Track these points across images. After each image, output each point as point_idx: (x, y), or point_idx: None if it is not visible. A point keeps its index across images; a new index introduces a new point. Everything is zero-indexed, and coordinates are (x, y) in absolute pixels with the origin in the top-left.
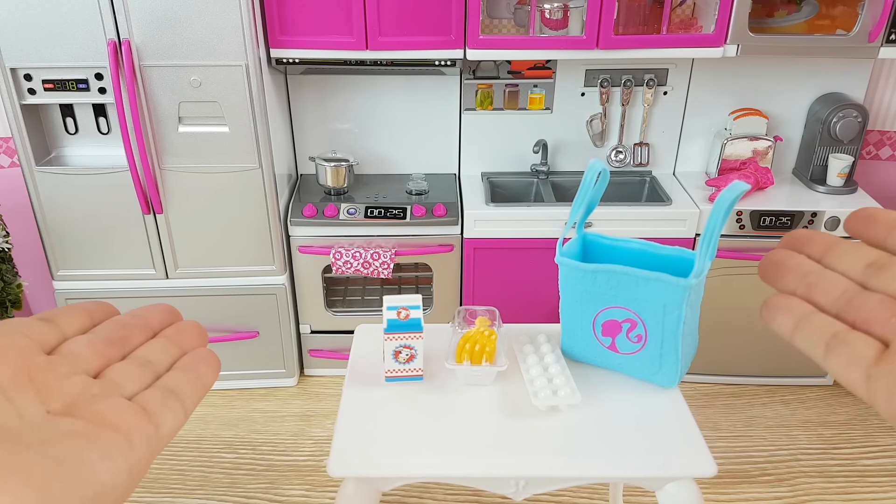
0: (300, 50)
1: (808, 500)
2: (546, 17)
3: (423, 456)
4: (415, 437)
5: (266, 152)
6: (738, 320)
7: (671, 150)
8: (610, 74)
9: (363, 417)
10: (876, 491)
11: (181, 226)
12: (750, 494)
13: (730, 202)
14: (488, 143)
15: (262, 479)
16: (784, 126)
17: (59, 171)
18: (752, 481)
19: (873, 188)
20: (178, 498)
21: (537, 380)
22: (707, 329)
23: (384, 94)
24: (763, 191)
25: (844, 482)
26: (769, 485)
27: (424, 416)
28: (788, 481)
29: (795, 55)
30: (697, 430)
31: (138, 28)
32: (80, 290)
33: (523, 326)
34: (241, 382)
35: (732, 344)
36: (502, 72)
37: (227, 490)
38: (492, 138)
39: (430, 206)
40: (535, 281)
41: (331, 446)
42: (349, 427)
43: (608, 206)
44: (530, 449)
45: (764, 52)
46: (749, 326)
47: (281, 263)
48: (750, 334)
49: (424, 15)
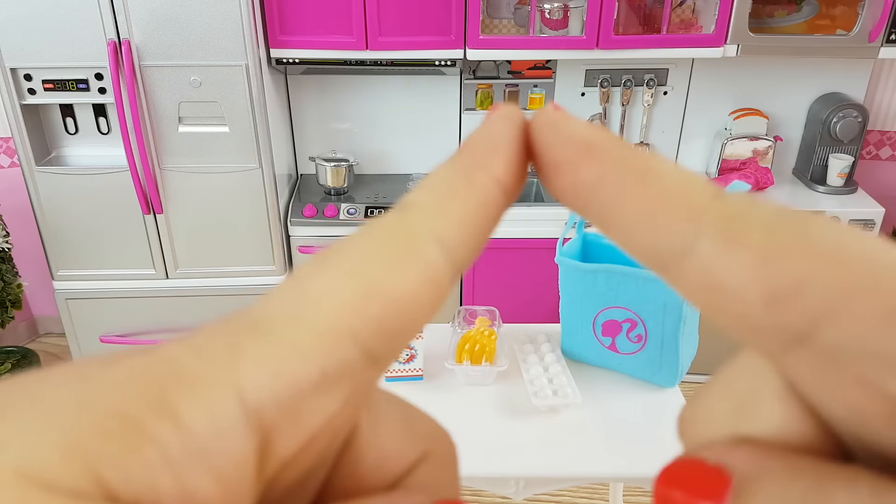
0: (300, 50)
1: None
2: (546, 17)
3: None
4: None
5: (266, 152)
6: None
7: (671, 151)
8: (610, 74)
9: None
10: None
11: (181, 226)
12: None
13: None
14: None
15: None
16: (784, 126)
17: (59, 171)
18: None
19: (873, 188)
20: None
21: (537, 380)
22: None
23: (384, 94)
24: (763, 191)
25: None
26: None
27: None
28: None
29: (795, 55)
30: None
31: (138, 28)
32: (79, 291)
33: (523, 326)
34: None
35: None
36: (502, 72)
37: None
38: None
39: None
40: (535, 281)
41: None
42: None
43: None
44: (530, 449)
45: (764, 52)
46: None
47: (281, 264)
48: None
49: (424, 15)
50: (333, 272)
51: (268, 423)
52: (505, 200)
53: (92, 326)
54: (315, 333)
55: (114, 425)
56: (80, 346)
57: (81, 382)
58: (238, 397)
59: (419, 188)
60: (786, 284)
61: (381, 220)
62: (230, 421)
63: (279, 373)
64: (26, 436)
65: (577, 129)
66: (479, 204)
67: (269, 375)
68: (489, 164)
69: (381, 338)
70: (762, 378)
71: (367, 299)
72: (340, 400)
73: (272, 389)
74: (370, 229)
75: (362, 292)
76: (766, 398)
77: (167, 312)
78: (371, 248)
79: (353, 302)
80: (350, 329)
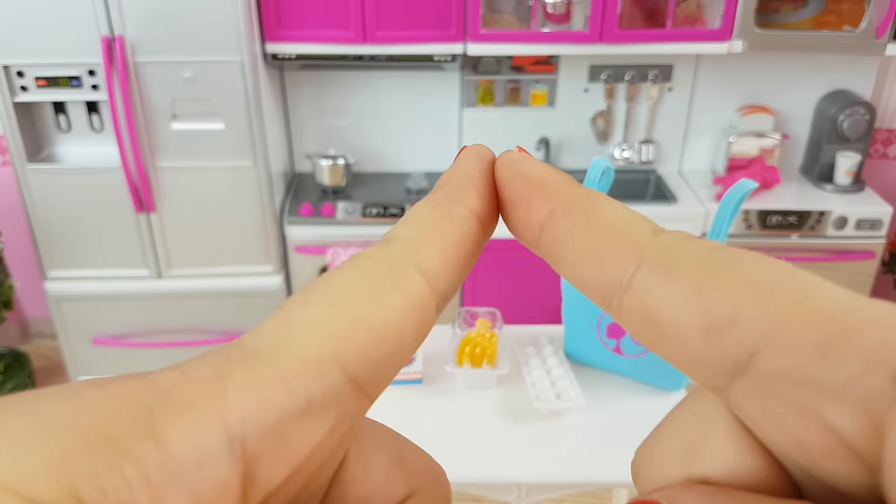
0: (297, 44)
1: None
2: (548, 12)
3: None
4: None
5: (262, 149)
6: None
7: (676, 148)
8: (614, 70)
9: None
10: None
11: (174, 225)
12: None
13: (737, 201)
14: (489, 140)
15: None
16: (791, 123)
17: (51, 169)
18: None
19: (881, 187)
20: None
21: (539, 383)
22: None
23: (383, 90)
24: (770, 189)
25: None
26: None
27: (423, 421)
28: None
29: (802, 51)
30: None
31: (132, 23)
32: (71, 292)
33: (525, 328)
34: None
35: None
36: (504, 67)
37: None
38: (493, 135)
39: None
40: (538, 281)
41: None
42: None
43: None
44: (532, 454)
45: (770, 47)
46: None
47: (277, 264)
48: None
49: (424, 8)
50: (319, 302)
51: (252, 450)
52: (483, 231)
53: (84, 328)
54: (301, 361)
55: (99, 444)
56: (72, 349)
57: (73, 401)
58: (223, 424)
59: (399, 224)
60: (721, 315)
61: (365, 254)
62: (213, 447)
63: (265, 401)
64: (13, 449)
65: (534, 168)
66: (458, 234)
67: (254, 403)
68: (464, 197)
69: (367, 365)
70: (713, 416)
71: (353, 327)
72: (327, 428)
73: (257, 417)
74: (354, 262)
75: (347, 321)
76: (717, 436)
77: (160, 313)
78: (355, 278)
79: (338, 330)
80: (336, 357)
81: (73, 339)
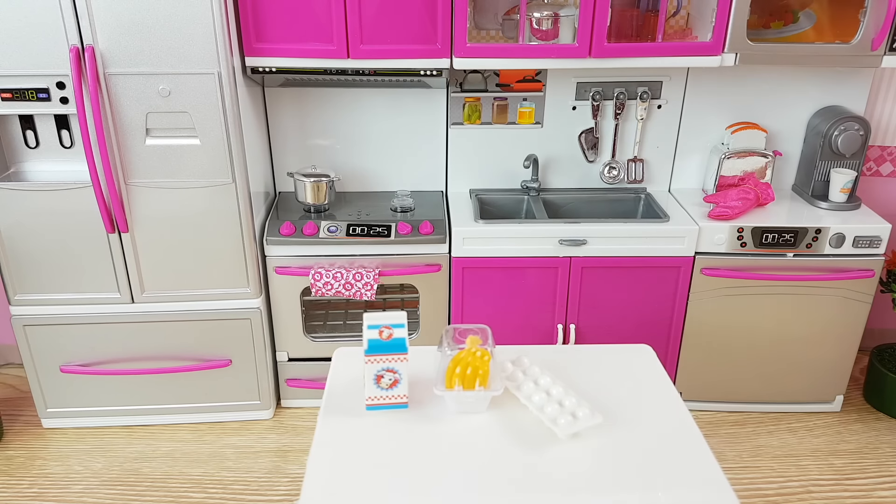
0: (277, 58)
1: None
2: (535, 27)
3: (408, 494)
4: (398, 473)
5: (240, 166)
6: (741, 342)
7: (666, 167)
8: (602, 87)
9: (340, 452)
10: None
11: (148, 246)
12: None
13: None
14: (476, 158)
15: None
16: (783, 140)
17: (18, 188)
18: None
19: (875, 206)
20: None
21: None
22: (708, 352)
23: (367, 108)
24: (763, 207)
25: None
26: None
27: (409, 449)
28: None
29: (796, 64)
30: (715, 461)
31: (103, 33)
32: (38, 317)
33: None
34: (212, 416)
35: (735, 368)
36: (490, 84)
37: None
38: (480, 154)
39: (416, 223)
40: (527, 301)
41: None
42: (323, 464)
43: (604, 223)
44: (530, 484)
45: (764, 61)
46: (752, 349)
47: (256, 285)
48: (753, 357)
49: (408, 22)
50: None
51: None
52: None
53: (52, 355)
54: None
55: None
56: (38, 377)
57: None
58: None
59: None
60: None
61: None
62: None
63: None
64: None
65: None
66: None
67: None
68: None
69: None
70: None
71: None
72: None
73: None
74: None
75: None
76: None
77: (133, 339)
78: None
79: None
80: None
81: (39, 368)
